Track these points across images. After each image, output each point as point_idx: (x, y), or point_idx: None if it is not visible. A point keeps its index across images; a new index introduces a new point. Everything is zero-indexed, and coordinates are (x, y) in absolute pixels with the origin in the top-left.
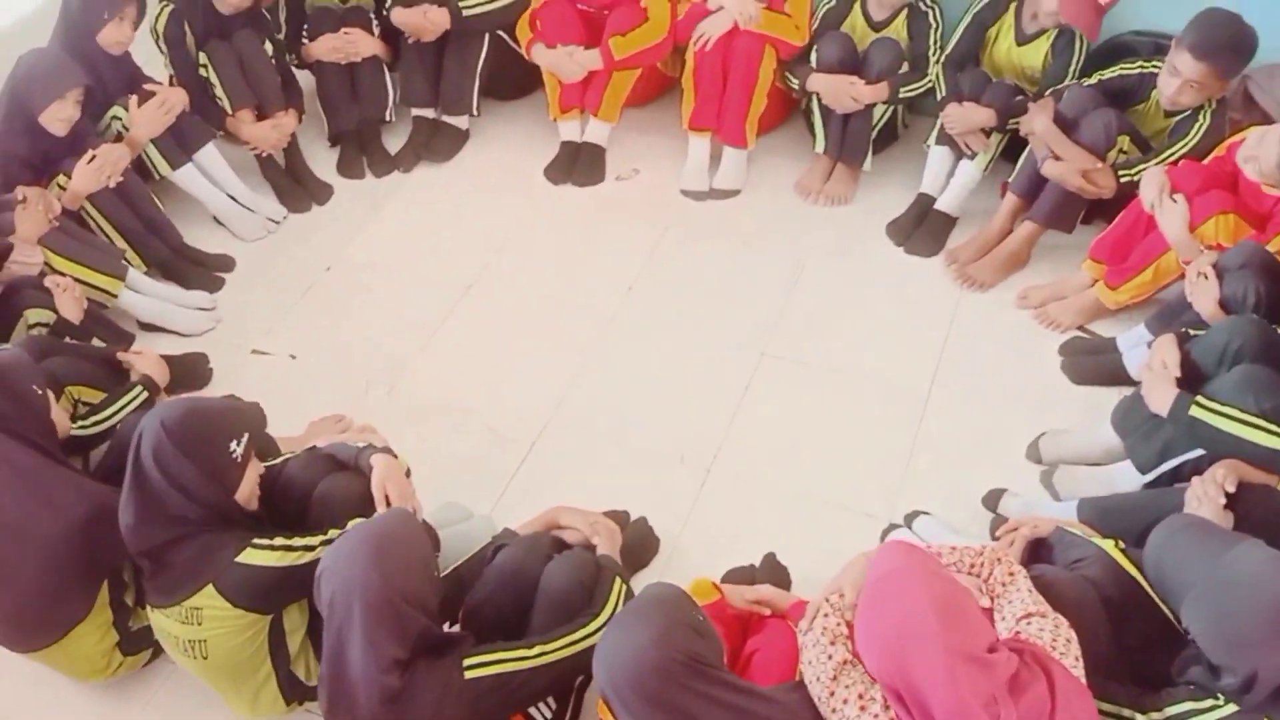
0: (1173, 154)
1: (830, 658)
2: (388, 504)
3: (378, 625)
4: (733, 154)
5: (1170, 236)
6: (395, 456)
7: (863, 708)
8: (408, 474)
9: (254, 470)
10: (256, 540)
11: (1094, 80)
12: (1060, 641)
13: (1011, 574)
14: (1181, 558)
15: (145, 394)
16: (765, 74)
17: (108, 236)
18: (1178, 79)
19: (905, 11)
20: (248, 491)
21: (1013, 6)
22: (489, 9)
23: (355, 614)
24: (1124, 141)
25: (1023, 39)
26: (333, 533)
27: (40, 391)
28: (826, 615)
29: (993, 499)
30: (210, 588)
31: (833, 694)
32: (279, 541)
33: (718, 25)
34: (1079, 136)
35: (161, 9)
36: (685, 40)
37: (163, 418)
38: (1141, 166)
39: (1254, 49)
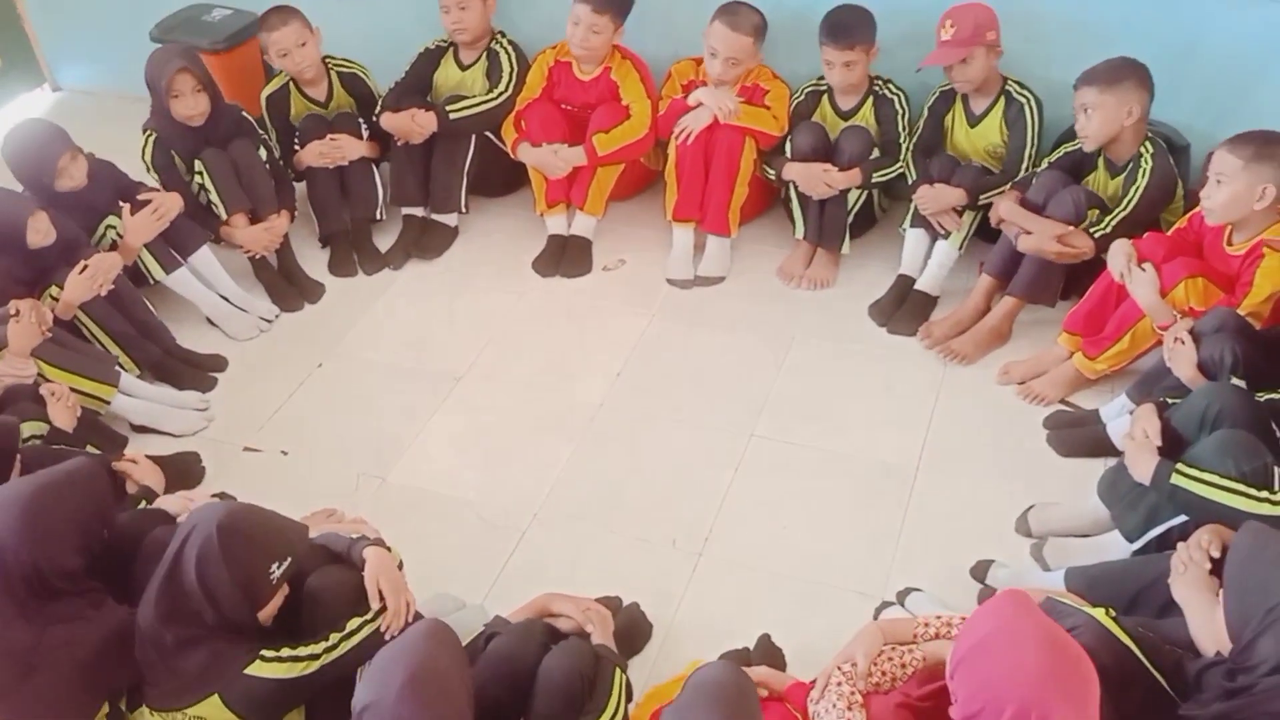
0: (1131, 200)
1: None
2: (380, 599)
3: None
4: (716, 242)
5: (1143, 303)
6: (388, 549)
7: None
8: (400, 566)
9: (281, 594)
10: (264, 652)
11: (1045, 165)
12: None
13: None
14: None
15: (146, 506)
16: (746, 164)
17: (100, 342)
18: (1079, 113)
19: (870, 99)
20: (270, 613)
21: (959, 94)
22: (474, 112)
23: None
24: (1093, 215)
25: (973, 120)
26: (334, 638)
27: None
28: (840, 684)
29: (981, 570)
30: (216, 698)
31: None
32: (285, 653)
33: (698, 120)
34: (1050, 215)
35: (146, 140)
36: (667, 135)
37: (220, 520)
38: (1109, 219)
39: (1131, 68)
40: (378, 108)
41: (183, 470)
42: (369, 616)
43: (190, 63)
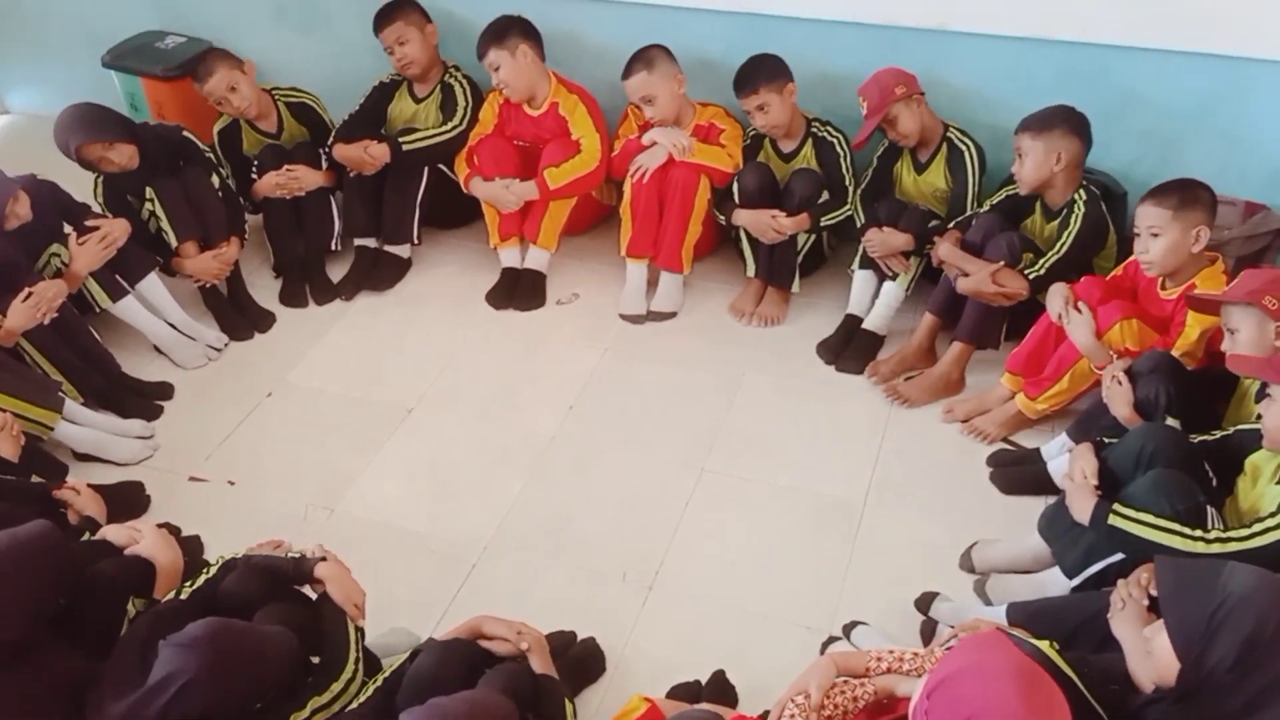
0: (1064, 243)
1: None
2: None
3: None
4: (669, 278)
5: (1080, 344)
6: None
7: None
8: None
9: None
10: None
11: (988, 207)
12: None
13: None
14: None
15: (89, 537)
16: (700, 202)
17: (43, 370)
18: (1016, 156)
19: (810, 142)
20: None
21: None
22: (427, 144)
23: None
24: (1028, 258)
25: (920, 168)
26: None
27: None
28: (793, 715)
29: (924, 602)
30: None
31: None
32: None
33: (654, 158)
34: (987, 257)
35: (95, 182)
36: (621, 175)
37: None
38: (1043, 261)
39: (1068, 119)
40: (330, 138)
41: (127, 500)
42: (324, 701)
43: (86, 133)
